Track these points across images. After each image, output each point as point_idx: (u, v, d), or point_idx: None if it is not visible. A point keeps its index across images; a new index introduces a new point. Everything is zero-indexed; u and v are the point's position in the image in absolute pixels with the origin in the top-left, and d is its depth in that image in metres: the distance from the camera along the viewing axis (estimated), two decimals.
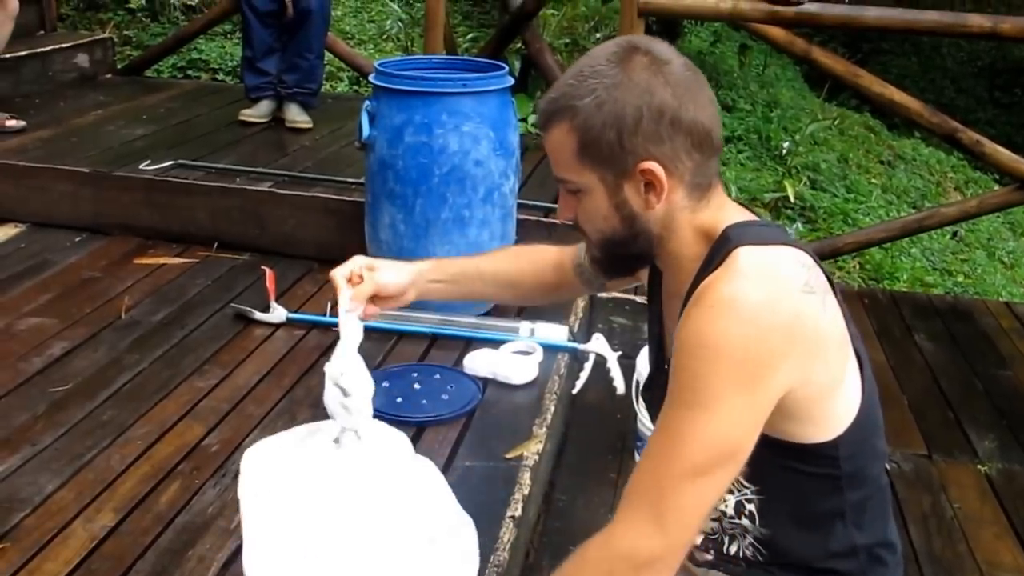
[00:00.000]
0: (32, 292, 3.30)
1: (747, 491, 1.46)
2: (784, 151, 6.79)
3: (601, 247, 1.48)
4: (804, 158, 6.80)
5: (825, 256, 4.73)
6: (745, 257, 1.32)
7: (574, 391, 2.91)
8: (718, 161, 1.44)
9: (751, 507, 1.47)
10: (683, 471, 1.28)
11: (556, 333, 2.98)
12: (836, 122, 7.83)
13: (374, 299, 1.73)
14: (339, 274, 1.71)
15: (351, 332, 1.68)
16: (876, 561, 1.48)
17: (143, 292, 3.33)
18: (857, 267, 5.53)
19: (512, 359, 2.83)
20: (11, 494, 2.23)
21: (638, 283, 1.73)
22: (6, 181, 3.90)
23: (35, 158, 3.98)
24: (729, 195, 1.49)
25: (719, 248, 1.37)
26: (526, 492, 2.29)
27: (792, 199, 5.80)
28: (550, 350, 2.91)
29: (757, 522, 1.47)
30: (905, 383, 3.43)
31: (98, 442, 2.44)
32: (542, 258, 1.88)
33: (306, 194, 3.67)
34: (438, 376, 2.77)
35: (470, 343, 2.96)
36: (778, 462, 1.40)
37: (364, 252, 3.20)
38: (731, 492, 1.48)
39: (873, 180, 7.04)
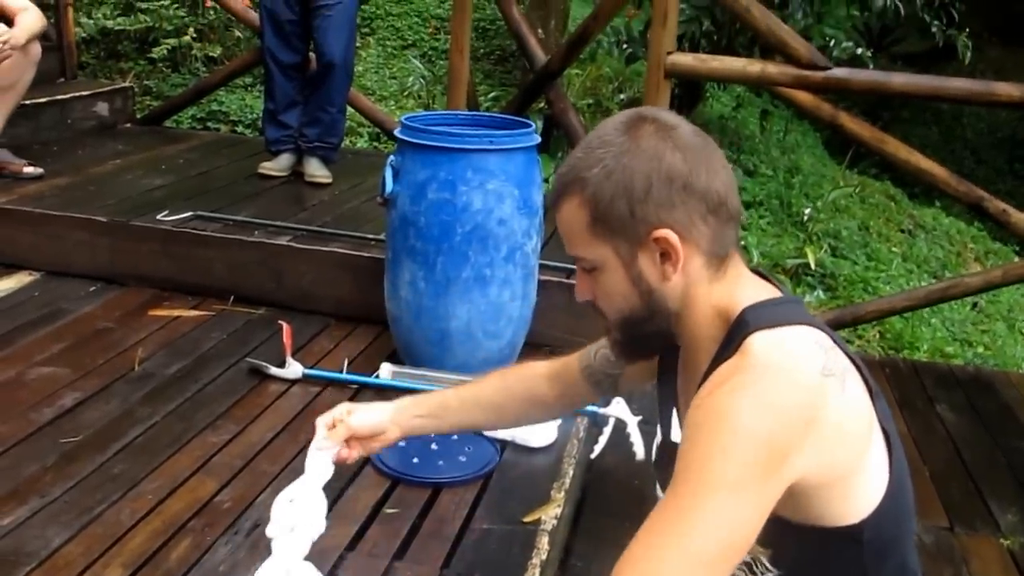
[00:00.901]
0: (45, 341, 3.27)
1: (771, 574, 1.40)
2: (805, 217, 6.77)
3: (620, 327, 1.44)
4: (825, 225, 6.78)
5: (846, 324, 4.68)
6: (760, 343, 1.28)
7: (592, 455, 2.85)
8: (737, 230, 1.40)
9: None
10: (691, 561, 1.20)
11: None
12: (857, 189, 7.83)
13: (357, 440, 1.82)
14: (320, 419, 1.81)
15: (316, 468, 1.80)
16: None
17: (157, 344, 3.29)
18: (877, 336, 5.48)
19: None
20: (17, 547, 2.18)
21: (651, 382, 1.69)
22: (22, 228, 3.89)
23: (52, 206, 3.97)
24: (751, 260, 1.45)
25: (736, 331, 1.33)
26: (544, 557, 2.24)
27: (813, 266, 5.77)
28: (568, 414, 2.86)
29: None
30: (927, 454, 3.35)
31: (108, 495, 2.39)
32: (532, 373, 1.85)
33: (325, 249, 3.64)
34: (456, 437, 2.72)
35: None
36: (801, 545, 1.35)
37: (383, 309, 3.21)
38: (755, 572, 1.42)
39: (894, 248, 7.01)
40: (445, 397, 1.91)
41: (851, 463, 1.30)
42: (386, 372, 3.04)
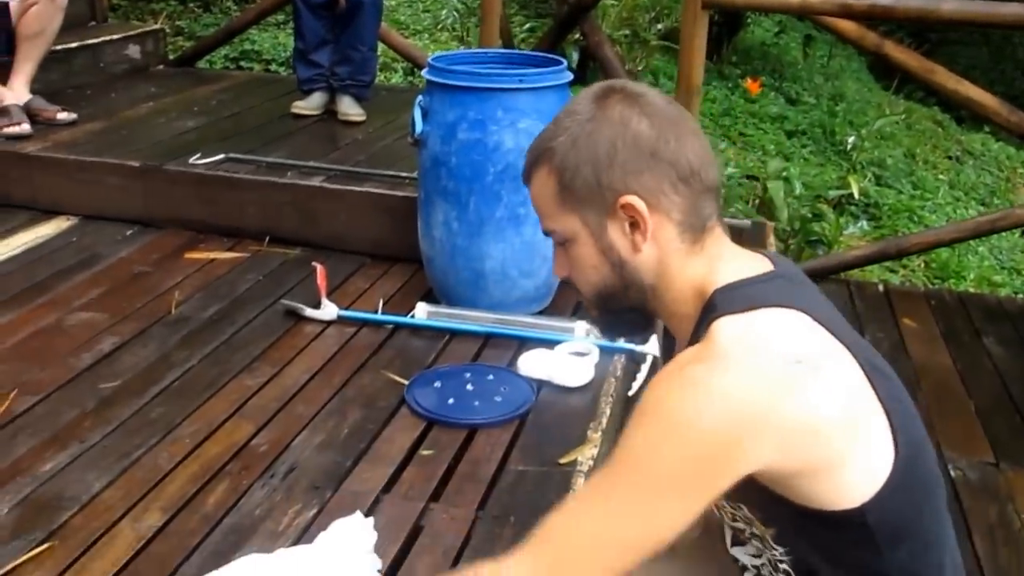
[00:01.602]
0: (83, 287, 3.29)
1: (777, 551, 1.35)
2: (849, 146, 6.65)
3: (596, 302, 1.39)
4: (870, 153, 6.66)
5: (890, 257, 4.61)
6: (724, 329, 1.20)
7: (630, 393, 2.83)
8: (716, 202, 1.33)
9: (784, 566, 1.36)
10: (600, 544, 1.18)
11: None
12: (903, 116, 7.66)
13: None
14: None
15: None
16: None
17: (193, 287, 3.29)
18: (922, 265, 5.39)
19: (567, 360, 2.76)
20: (59, 492, 2.20)
21: None
22: (58, 174, 3.90)
23: (86, 151, 3.97)
24: (792, 191, 1.38)
25: (706, 313, 1.26)
26: None
27: (856, 195, 5.67)
28: (606, 351, 2.83)
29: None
30: (972, 388, 3.31)
31: (146, 440, 2.41)
32: None
33: (358, 189, 3.61)
34: (491, 377, 2.70)
35: (524, 343, 2.89)
36: (802, 525, 1.29)
37: (417, 249, 3.19)
38: (760, 552, 1.38)
39: (940, 176, 6.87)
40: None
41: (831, 454, 1.22)
42: (421, 312, 3.02)
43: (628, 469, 1.18)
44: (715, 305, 1.25)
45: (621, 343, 2.86)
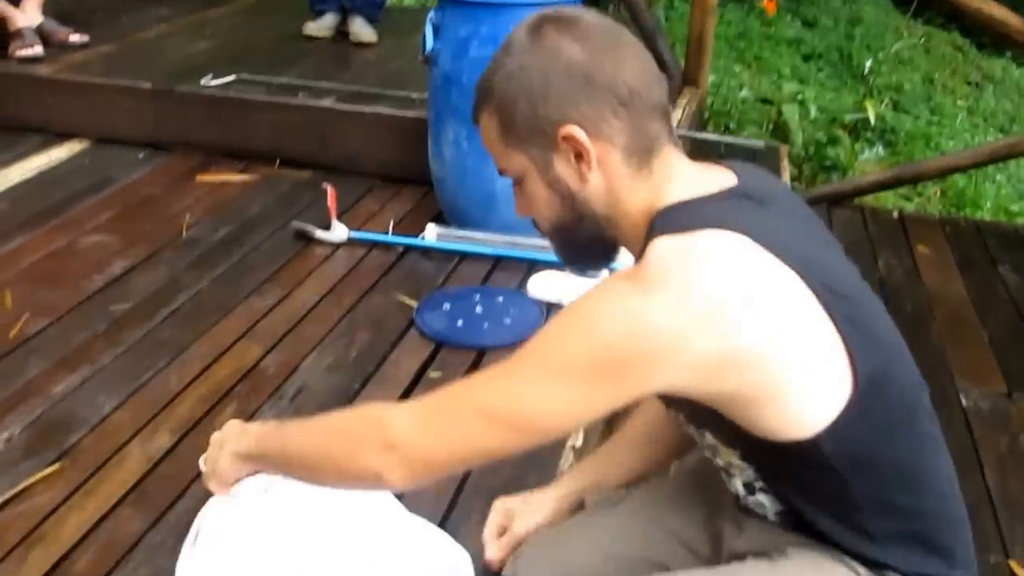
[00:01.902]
0: (95, 209, 3.29)
1: (748, 471, 1.34)
2: (866, 70, 6.54)
3: (554, 237, 1.37)
4: (887, 78, 6.55)
5: (906, 181, 4.55)
6: (657, 251, 1.17)
7: None
8: (664, 123, 1.29)
9: (759, 485, 1.35)
10: (480, 406, 1.22)
11: (624, 255, 2.87)
12: (922, 40, 7.52)
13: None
14: (486, 533, 1.71)
15: None
16: (903, 547, 1.31)
17: (204, 210, 3.29)
18: (938, 194, 5.32)
19: (578, 282, 2.74)
20: (70, 413, 2.22)
21: None
22: (69, 97, 3.88)
23: (98, 73, 3.95)
24: (807, 116, 1.33)
25: (647, 239, 1.22)
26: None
27: (873, 121, 5.58)
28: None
29: (773, 497, 1.35)
30: (986, 317, 3.27)
31: (156, 362, 2.42)
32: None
33: (369, 110, 3.59)
34: (501, 299, 2.70)
35: (535, 265, 2.87)
36: (758, 451, 1.27)
37: (426, 170, 3.16)
38: (735, 472, 1.37)
39: (959, 102, 6.75)
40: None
41: (764, 384, 1.18)
42: (432, 233, 3.01)
43: (534, 351, 1.20)
44: (654, 227, 1.22)
45: (629, 262, 2.84)
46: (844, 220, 3.99)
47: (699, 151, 3.77)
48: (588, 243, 1.35)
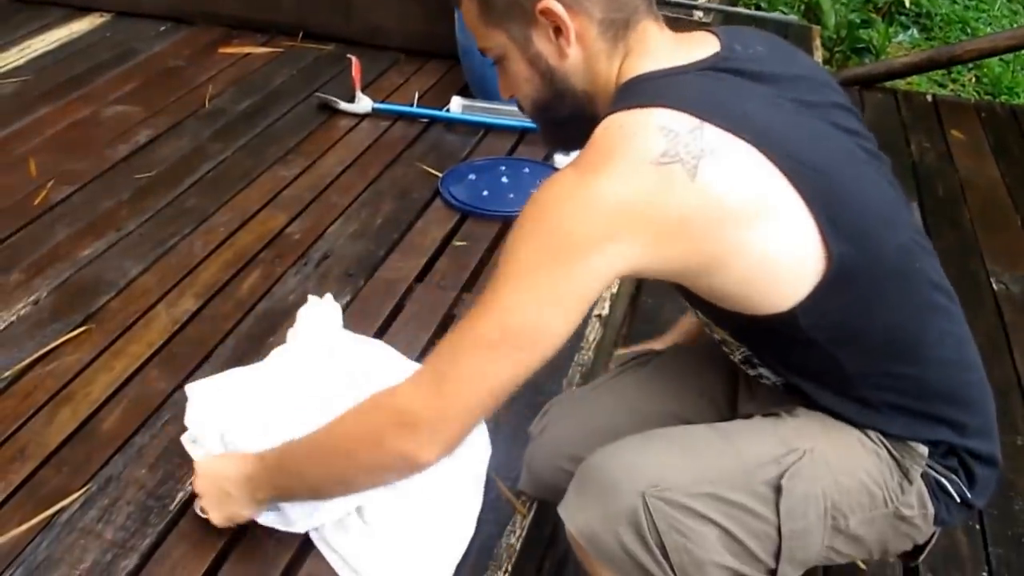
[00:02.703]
0: (117, 80, 3.26)
1: (743, 348, 1.34)
2: None
3: (536, 115, 1.33)
4: None
5: (941, 64, 4.41)
6: (601, 128, 1.16)
7: None
8: None
9: (756, 360, 1.35)
10: (474, 342, 1.19)
11: None
12: None
13: None
14: None
15: None
16: (906, 415, 1.30)
17: (227, 81, 3.25)
18: (973, 80, 5.19)
19: None
20: (97, 277, 2.23)
21: None
22: None
23: None
24: None
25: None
26: (613, 291, 2.22)
27: (907, 3, 5.43)
28: None
29: (772, 372, 1.35)
30: (1020, 202, 3.21)
31: (181, 229, 2.42)
32: None
33: None
34: (527, 170, 2.67)
35: None
36: (743, 328, 1.27)
37: (454, 43, 3.10)
38: (732, 348, 1.37)
39: None
40: None
41: (728, 248, 1.16)
42: (456, 105, 2.97)
43: (503, 267, 1.17)
44: (614, 102, 1.20)
45: None
46: (876, 103, 3.90)
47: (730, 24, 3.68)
48: (569, 120, 1.31)
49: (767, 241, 1.16)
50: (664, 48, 1.25)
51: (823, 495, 1.26)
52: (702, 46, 1.25)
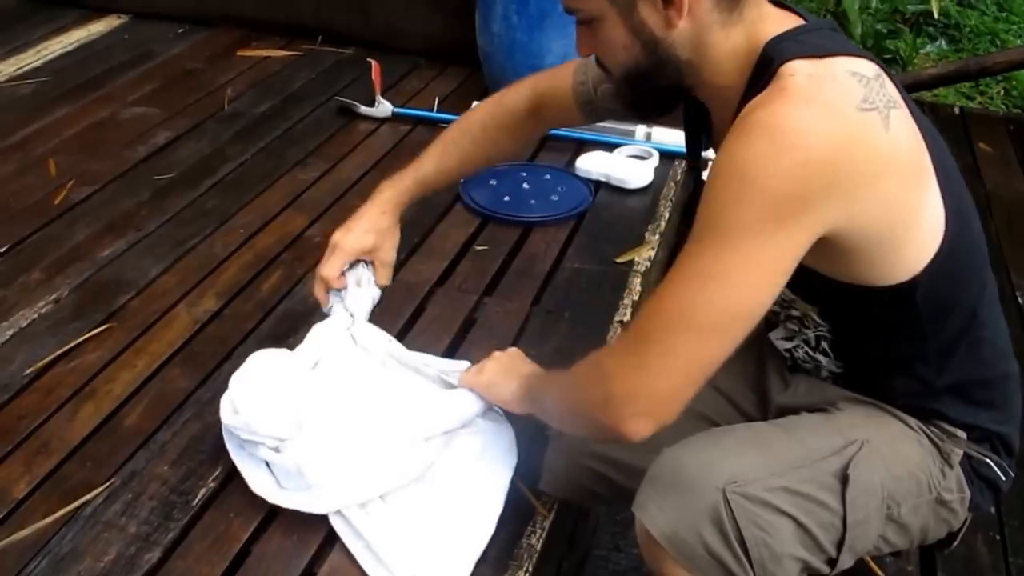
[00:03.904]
0: (136, 82, 3.26)
1: (822, 328, 1.34)
2: None
3: (626, 82, 1.29)
4: None
5: (971, 75, 4.36)
6: (790, 73, 1.12)
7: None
8: None
9: (826, 344, 1.36)
10: (687, 324, 1.15)
11: (674, 138, 2.82)
12: None
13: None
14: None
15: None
16: (960, 398, 1.33)
17: (246, 84, 3.25)
18: (1001, 93, 5.16)
19: (627, 162, 2.70)
20: (117, 276, 2.23)
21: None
22: None
23: None
24: (868, 6, 1.26)
25: (762, 69, 1.18)
26: (635, 297, 2.21)
27: (936, 15, 5.38)
28: (667, 155, 2.76)
29: (832, 357, 1.37)
30: None
31: (201, 230, 2.41)
32: (513, 116, 1.72)
33: None
34: (548, 176, 2.66)
35: (583, 145, 2.83)
36: (848, 304, 1.26)
37: (474, 48, 3.10)
38: (807, 327, 1.37)
39: None
40: (424, 176, 1.86)
41: (899, 209, 1.17)
42: None
43: (710, 236, 1.13)
44: (773, 55, 1.17)
45: (681, 147, 2.79)
46: None
47: None
48: (661, 90, 1.29)
49: (920, 204, 1.18)
50: (781, 14, 1.24)
51: (881, 484, 1.28)
52: (794, 17, 1.25)
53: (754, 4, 1.23)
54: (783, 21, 1.23)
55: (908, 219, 1.19)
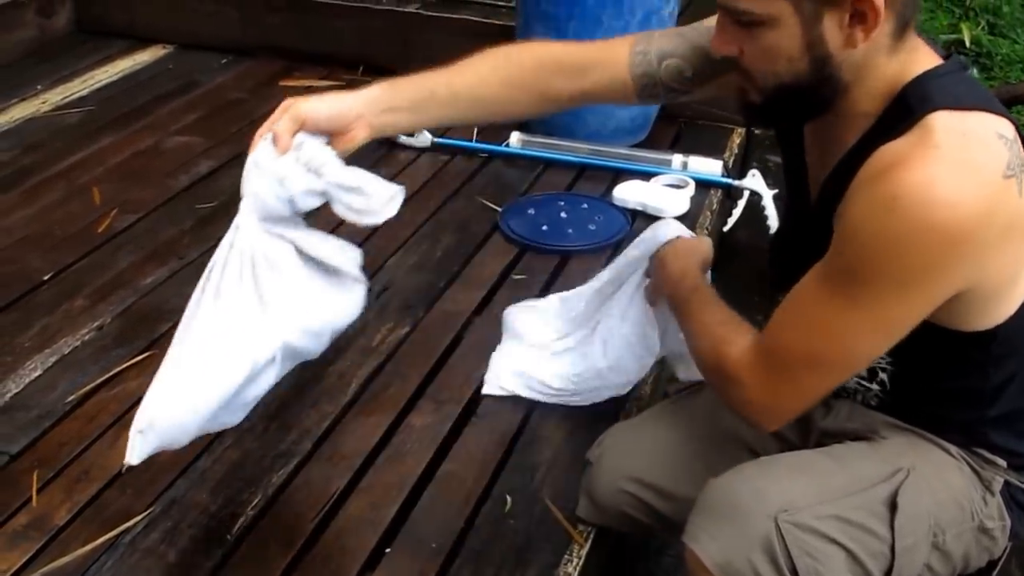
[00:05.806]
0: (179, 111, 3.30)
1: (883, 361, 1.33)
2: None
3: (772, 93, 1.22)
4: (984, 0, 6.31)
5: (1003, 103, 4.38)
6: (942, 130, 1.10)
7: (725, 228, 2.78)
8: None
9: (884, 376, 1.36)
10: (814, 360, 1.23)
11: (710, 167, 2.83)
12: None
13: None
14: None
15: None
16: (1006, 427, 1.34)
17: None
18: None
19: (663, 192, 2.70)
20: (159, 304, 2.25)
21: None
22: (154, 2, 3.87)
23: None
24: None
25: (901, 105, 1.16)
26: None
27: (968, 43, 5.38)
28: (703, 184, 2.77)
29: (888, 388, 1.37)
30: None
31: None
32: (544, 64, 1.51)
33: (454, 16, 3.54)
34: (586, 206, 2.67)
35: (620, 175, 2.83)
36: (925, 343, 1.25)
37: None
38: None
39: None
40: (432, 86, 1.56)
41: (1013, 266, 1.19)
42: (516, 140, 2.98)
43: (846, 291, 1.17)
44: (919, 97, 1.16)
45: (718, 176, 2.80)
46: None
47: None
48: (805, 105, 1.24)
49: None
50: (925, 49, 1.23)
51: (927, 512, 1.29)
52: (931, 52, 1.23)
53: (912, 32, 1.20)
54: (928, 57, 1.21)
55: (1014, 275, 1.21)
